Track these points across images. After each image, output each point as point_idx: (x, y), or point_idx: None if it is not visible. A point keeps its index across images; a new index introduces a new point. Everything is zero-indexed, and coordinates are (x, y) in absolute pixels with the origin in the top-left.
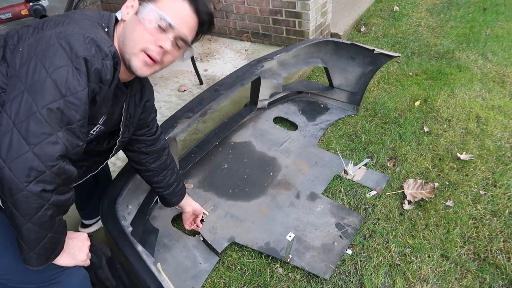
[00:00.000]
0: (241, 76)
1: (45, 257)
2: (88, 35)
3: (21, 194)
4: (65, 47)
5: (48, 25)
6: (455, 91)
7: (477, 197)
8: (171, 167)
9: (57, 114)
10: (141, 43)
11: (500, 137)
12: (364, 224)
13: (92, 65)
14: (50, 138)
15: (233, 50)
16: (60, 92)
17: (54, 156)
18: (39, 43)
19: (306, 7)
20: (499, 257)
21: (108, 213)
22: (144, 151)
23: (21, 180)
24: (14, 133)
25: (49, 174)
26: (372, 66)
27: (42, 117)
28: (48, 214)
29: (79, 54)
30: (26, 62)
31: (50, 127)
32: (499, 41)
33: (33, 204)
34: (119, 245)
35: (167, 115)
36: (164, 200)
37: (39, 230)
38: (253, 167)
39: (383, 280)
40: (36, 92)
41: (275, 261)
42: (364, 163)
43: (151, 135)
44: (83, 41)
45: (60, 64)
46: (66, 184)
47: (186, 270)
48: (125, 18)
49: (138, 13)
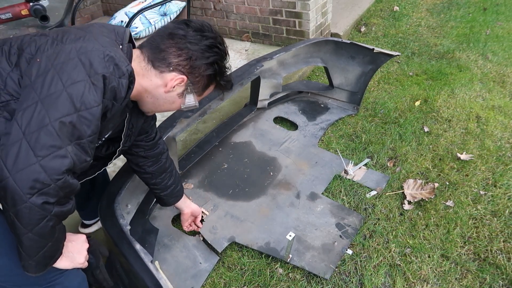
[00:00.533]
0: (241, 75)
1: (44, 264)
2: (108, 53)
3: (24, 205)
4: (85, 63)
5: (68, 38)
6: (455, 91)
7: (477, 197)
8: (170, 170)
9: (69, 128)
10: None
11: (500, 137)
12: (364, 224)
13: (109, 83)
14: (59, 152)
15: (233, 50)
16: (74, 106)
17: (61, 170)
18: (58, 55)
19: (306, 7)
20: (499, 257)
21: (106, 212)
22: (142, 155)
23: (24, 192)
24: (23, 144)
25: (54, 187)
26: (372, 66)
27: (54, 129)
28: (50, 225)
29: (98, 70)
30: (43, 73)
31: (60, 141)
32: (499, 41)
33: (35, 216)
34: (117, 243)
35: (167, 115)
36: (161, 201)
37: (39, 240)
38: (253, 167)
39: (383, 280)
40: (50, 104)
41: (275, 261)
42: (364, 163)
43: (150, 140)
44: (102, 59)
45: (78, 78)
46: (68, 196)
47: (186, 269)
48: (169, 89)
49: (182, 97)
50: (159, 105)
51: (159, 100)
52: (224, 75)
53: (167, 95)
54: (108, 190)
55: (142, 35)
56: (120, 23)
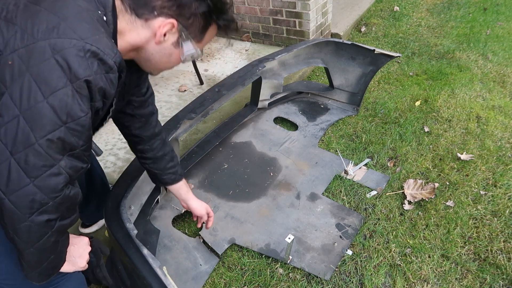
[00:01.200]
0: (243, 76)
1: (47, 274)
2: (88, 48)
3: (23, 224)
4: (63, 65)
5: (40, 29)
6: (455, 91)
7: (477, 197)
8: (160, 137)
9: (58, 144)
10: (169, 67)
11: (501, 137)
12: (364, 224)
13: (95, 85)
14: (52, 170)
15: (234, 50)
16: (60, 119)
17: (58, 188)
18: (32, 56)
19: (306, 7)
20: (500, 257)
21: (112, 215)
22: (130, 113)
23: (23, 212)
24: (12, 164)
25: (53, 205)
26: (372, 67)
27: (41, 149)
28: (52, 240)
29: (79, 75)
30: (19, 78)
31: (51, 159)
32: (500, 41)
33: (36, 233)
34: (125, 248)
35: (167, 115)
36: (154, 177)
37: (41, 254)
38: (254, 167)
39: (384, 280)
40: (33, 120)
41: (276, 261)
42: (365, 163)
43: (140, 96)
44: (83, 57)
45: (58, 86)
46: (71, 209)
47: (186, 271)
48: (159, 39)
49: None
50: (156, 62)
51: (154, 56)
52: (222, 12)
53: (160, 47)
54: (113, 192)
55: None
56: None
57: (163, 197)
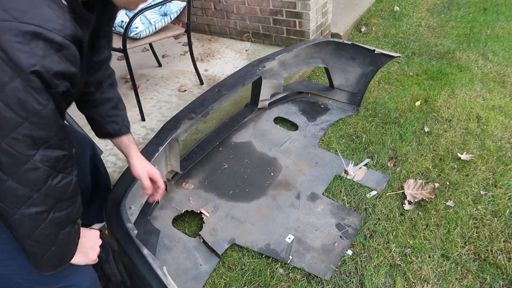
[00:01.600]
0: (243, 76)
1: (53, 266)
2: (26, 29)
3: (14, 218)
4: (2, 56)
5: None
6: (455, 91)
7: (477, 197)
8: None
9: (27, 140)
10: None
11: (501, 137)
12: (364, 224)
13: (48, 72)
14: (27, 166)
15: (234, 50)
16: (19, 115)
17: (38, 180)
18: None
19: (306, 7)
20: (500, 257)
21: (112, 216)
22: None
23: (10, 206)
24: None
25: (38, 197)
26: (372, 67)
27: (9, 148)
28: (46, 232)
29: (23, 67)
30: None
31: (23, 156)
32: (500, 41)
33: (28, 226)
34: (124, 247)
35: (168, 115)
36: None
37: (40, 246)
38: (254, 167)
39: (384, 280)
40: None
41: (276, 261)
42: (365, 163)
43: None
44: (21, 42)
45: (3, 82)
46: (64, 200)
47: (186, 271)
48: None
49: None
50: None
51: None
52: None
53: None
54: (113, 193)
55: (142, 35)
56: (120, 23)
57: (163, 197)
